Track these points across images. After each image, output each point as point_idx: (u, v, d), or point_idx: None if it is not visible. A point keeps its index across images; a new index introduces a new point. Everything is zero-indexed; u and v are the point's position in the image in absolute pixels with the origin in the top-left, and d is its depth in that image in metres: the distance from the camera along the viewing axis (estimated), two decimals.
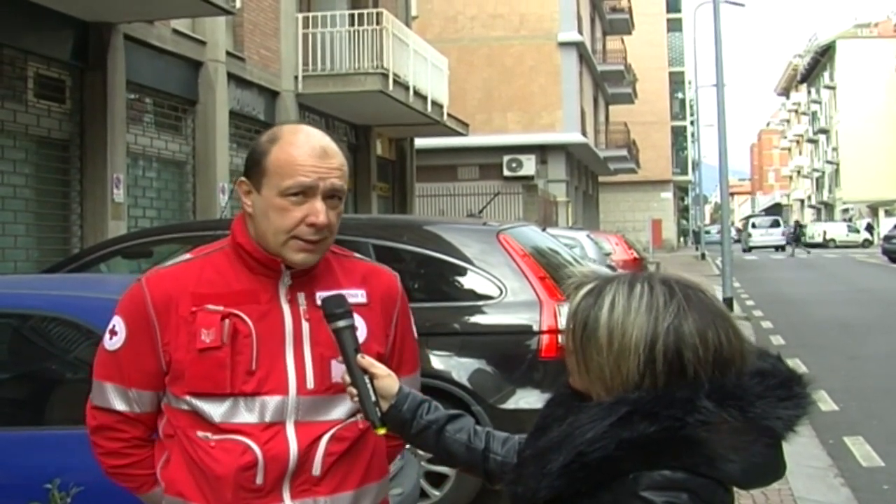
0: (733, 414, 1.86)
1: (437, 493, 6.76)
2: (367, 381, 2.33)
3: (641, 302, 1.91)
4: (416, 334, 2.78)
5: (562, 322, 6.62)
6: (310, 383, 2.44)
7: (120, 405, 2.51)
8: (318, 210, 2.40)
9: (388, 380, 2.35)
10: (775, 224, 66.60)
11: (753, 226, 66.09)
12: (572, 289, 2.04)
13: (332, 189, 2.43)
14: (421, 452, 4.88)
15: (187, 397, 2.43)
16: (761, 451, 1.89)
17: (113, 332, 2.51)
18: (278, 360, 2.44)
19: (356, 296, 2.53)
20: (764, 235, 63.35)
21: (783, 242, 62.51)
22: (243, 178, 2.50)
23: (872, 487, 8.00)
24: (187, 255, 2.57)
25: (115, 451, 2.55)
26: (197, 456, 2.42)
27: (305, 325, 2.46)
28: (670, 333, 1.88)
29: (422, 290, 7.36)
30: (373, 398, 2.32)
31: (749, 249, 60.18)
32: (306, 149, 2.42)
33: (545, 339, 6.68)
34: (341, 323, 2.36)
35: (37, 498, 3.83)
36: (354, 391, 2.33)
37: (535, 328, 6.73)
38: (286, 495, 2.42)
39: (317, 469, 2.43)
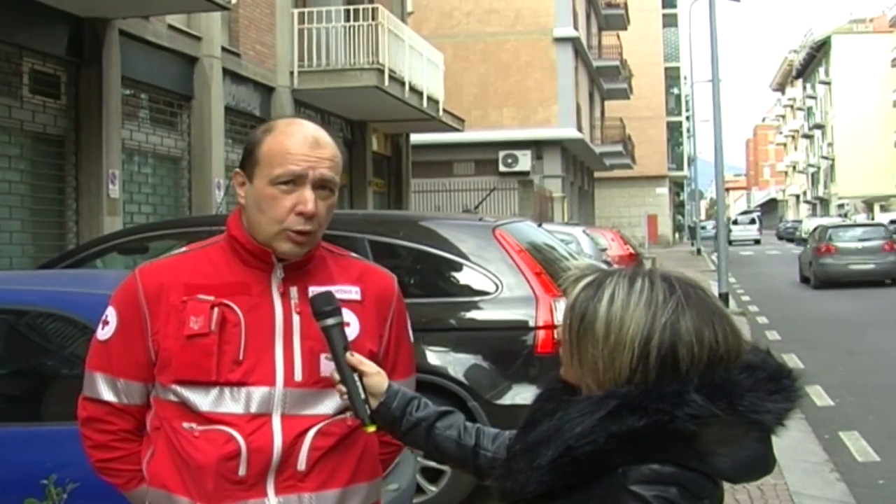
0: (723, 408, 1.86)
1: (433, 488, 6.77)
2: (357, 378, 2.32)
3: (641, 297, 1.91)
4: (412, 338, 2.75)
5: (558, 318, 6.63)
6: (298, 376, 2.43)
7: (108, 395, 2.51)
8: (307, 198, 2.40)
9: (377, 377, 2.34)
10: (752, 221, 75.46)
11: (735, 222, 74.50)
12: (571, 281, 2.04)
13: (322, 179, 2.42)
14: None
15: (174, 386, 2.42)
16: (751, 444, 1.89)
17: (105, 322, 2.52)
18: (266, 351, 2.43)
19: (350, 292, 2.53)
20: (742, 231, 70.52)
21: (758, 237, 71.15)
22: (238, 170, 2.51)
23: (868, 482, 8.02)
24: (184, 248, 2.59)
25: (103, 444, 2.54)
26: (181, 446, 2.42)
27: (296, 319, 2.46)
28: (667, 329, 1.88)
29: (418, 286, 7.36)
30: (362, 396, 2.32)
31: (730, 243, 65.54)
32: (298, 138, 2.43)
33: (541, 334, 6.68)
34: (330, 321, 2.36)
35: (33, 494, 3.82)
36: (343, 389, 2.33)
37: (531, 324, 6.73)
38: (270, 490, 2.40)
39: (302, 464, 2.42)
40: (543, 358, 6.65)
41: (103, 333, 2.52)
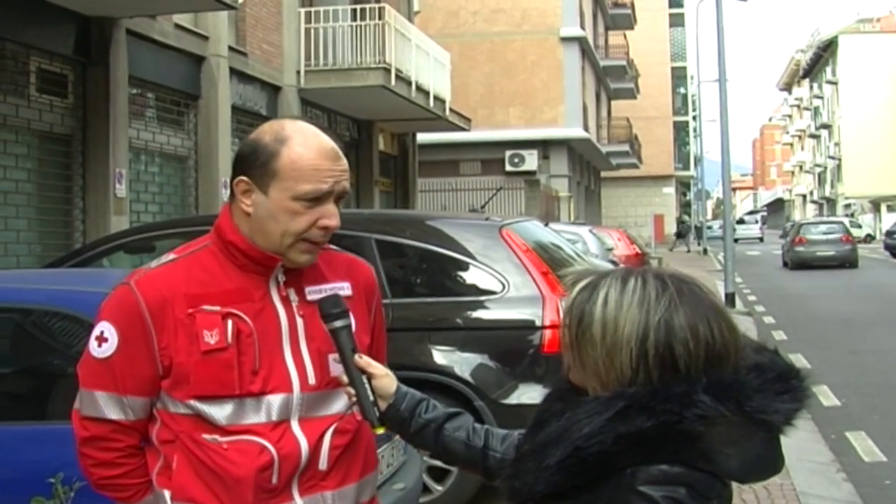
0: (731, 408, 1.86)
1: (439, 487, 6.76)
2: (365, 380, 2.33)
3: (634, 296, 1.92)
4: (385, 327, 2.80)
5: None
6: (311, 379, 2.43)
7: (114, 414, 2.45)
8: (332, 213, 2.39)
9: (385, 379, 2.35)
10: (755, 221, 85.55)
11: (741, 221, 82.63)
12: (569, 284, 2.05)
13: (343, 191, 2.42)
14: None
15: (190, 401, 2.39)
16: (759, 445, 1.90)
17: (102, 339, 2.43)
18: (277, 357, 2.42)
19: (343, 288, 2.53)
20: (746, 230, 77.16)
21: (761, 235, 77.52)
22: (244, 178, 2.42)
23: (874, 482, 8.00)
24: (171, 255, 2.52)
25: (107, 462, 2.49)
26: (209, 459, 2.39)
27: (300, 321, 2.45)
28: (661, 327, 1.89)
29: (424, 286, 7.36)
30: (371, 398, 2.32)
31: (736, 241, 71.77)
32: (319, 152, 2.39)
33: (548, 334, 6.67)
34: (338, 323, 2.36)
35: (40, 492, 3.83)
36: (352, 391, 2.33)
37: (538, 323, 6.72)
38: (295, 493, 2.41)
39: (323, 463, 2.43)
40: (550, 357, 6.64)
41: (101, 351, 2.43)
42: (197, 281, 2.43)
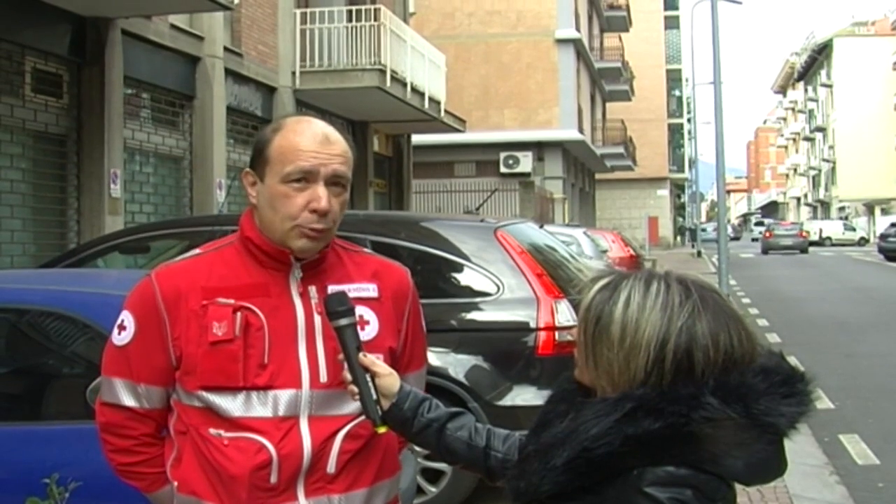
0: (737, 410, 1.87)
1: (433, 489, 6.76)
2: (369, 379, 2.32)
3: (657, 300, 1.92)
4: (425, 330, 2.78)
5: (559, 319, 6.63)
6: (323, 377, 2.43)
7: (129, 401, 2.50)
8: (321, 195, 2.39)
9: (389, 378, 2.34)
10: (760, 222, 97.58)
11: (760, 223, 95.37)
12: (587, 283, 2.04)
13: (335, 175, 2.42)
14: (418, 449, 4.89)
15: (200, 392, 2.41)
16: (764, 447, 1.90)
17: (122, 328, 2.50)
18: (290, 353, 2.43)
19: (367, 290, 2.54)
20: (761, 231, 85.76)
21: None
22: (249, 170, 2.50)
23: (867, 485, 8.01)
24: (197, 251, 2.57)
25: (125, 449, 2.53)
26: (210, 454, 2.41)
27: (317, 319, 2.45)
28: (682, 333, 1.88)
29: (419, 287, 7.27)
30: (374, 397, 2.31)
31: (756, 240, 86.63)
32: (308, 135, 2.42)
33: (542, 336, 6.67)
34: (343, 321, 2.35)
35: (35, 493, 3.82)
36: (356, 389, 2.33)
37: (532, 325, 6.72)
38: (300, 493, 2.41)
39: (331, 467, 2.43)
40: (544, 359, 6.65)
41: (120, 339, 2.50)
42: (217, 275, 2.47)
